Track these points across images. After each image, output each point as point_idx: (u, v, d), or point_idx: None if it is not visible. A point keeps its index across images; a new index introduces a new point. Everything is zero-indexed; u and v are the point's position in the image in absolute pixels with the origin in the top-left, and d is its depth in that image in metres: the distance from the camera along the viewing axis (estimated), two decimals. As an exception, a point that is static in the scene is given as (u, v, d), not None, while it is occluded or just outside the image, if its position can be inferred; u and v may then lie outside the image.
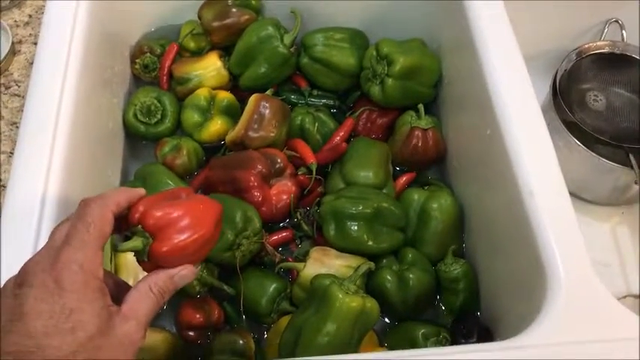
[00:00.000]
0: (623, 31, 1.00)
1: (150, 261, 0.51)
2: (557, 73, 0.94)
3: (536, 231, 0.63)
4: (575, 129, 0.89)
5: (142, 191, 0.53)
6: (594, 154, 0.88)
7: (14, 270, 0.47)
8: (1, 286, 0.48)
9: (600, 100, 0.96)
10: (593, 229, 0.94)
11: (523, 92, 0.73)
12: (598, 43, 0.97)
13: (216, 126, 0.91)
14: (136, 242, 0.50)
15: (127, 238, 0.51)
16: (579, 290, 0.59)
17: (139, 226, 0.50)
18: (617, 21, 1.01)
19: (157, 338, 0.73)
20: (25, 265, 0.47)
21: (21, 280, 0.46)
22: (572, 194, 0.94)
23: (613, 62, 0.97)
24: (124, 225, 0.52)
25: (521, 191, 0.66)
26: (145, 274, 0.52)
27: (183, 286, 0.76)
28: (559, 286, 0.59)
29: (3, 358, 0.42)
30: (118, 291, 0.51)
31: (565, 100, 0.91)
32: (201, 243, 0.51)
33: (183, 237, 0.50)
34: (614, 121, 0.95)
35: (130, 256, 0.67)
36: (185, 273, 0.51)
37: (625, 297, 0.86)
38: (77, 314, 0.44)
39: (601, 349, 0.57)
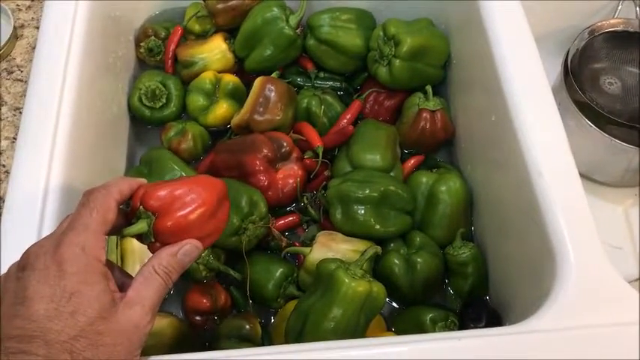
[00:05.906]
0: (637, 9, 0.97)
1: (157, 241, 0.50)
2: (568, 52, 0.92)
3: (545, 212, 0.62)
4: (587, 109, 0.87)
5: (143, 180, 0.53)
6: (606, 135, 0.86)
7: (17, 257, 0.47)
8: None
9: (613, 80, 0.94)
10: (605, 211, 0.92)
11: (533, 72, 0.72)
12: (611, 21, 0.95)
13: (221, 110, 0.90)
14: (141, 225, 0.50)
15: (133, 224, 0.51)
16: (589, 273, 0.58)
17: (142, 207, 0.49)
18: (630, -2, 0.98)
19: (163, 323, 0.73)
20: (28, 249, 0.47)
21: (24, 263, 0.46)
22: (584, 176, 0.93)
23: (627, 40, 0.94)
24: (130, 215, 0.52)
25: (529, 172, 0.64)
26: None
27: (189, 268, 0.76)
28: (569, 269, 0.58)
29: (6, 344, 0.42)
30: (124, 281, 0.51)
31: (577, 80, 0.89)
32: (206, 216, 0.51)
33: (186, 211, 0.50)
34: (628, 101, 0.92)
35: (136, 243, 0.67)
36: (188, 248, 0.50)
37: (637, 280, 0.85)
38: (77, 297, 0.44)
39: (612, 333, 0.56)
